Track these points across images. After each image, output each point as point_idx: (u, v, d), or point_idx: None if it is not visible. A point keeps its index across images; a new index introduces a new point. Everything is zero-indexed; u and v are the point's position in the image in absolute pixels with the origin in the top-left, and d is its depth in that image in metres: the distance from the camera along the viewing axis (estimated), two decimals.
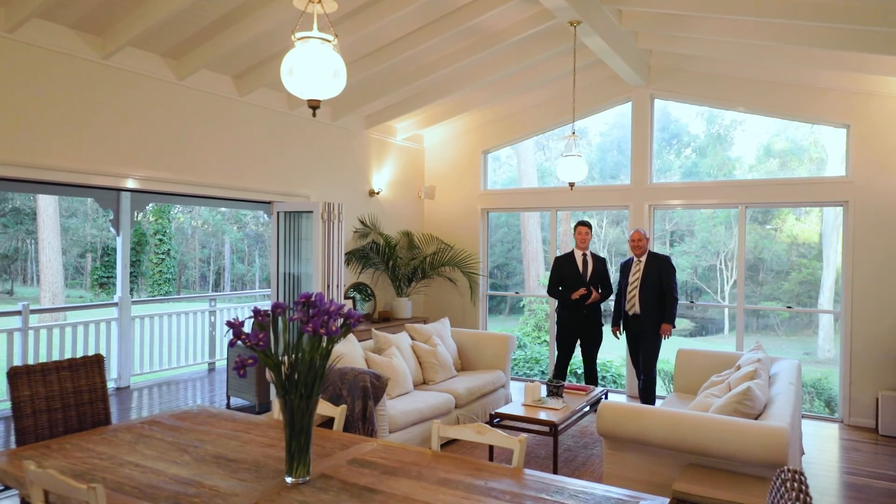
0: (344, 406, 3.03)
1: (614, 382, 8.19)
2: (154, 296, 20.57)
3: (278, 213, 5.94)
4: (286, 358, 2.21)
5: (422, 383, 5.39)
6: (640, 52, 6.11)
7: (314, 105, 2.47)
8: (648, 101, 6.61)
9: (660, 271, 5.56)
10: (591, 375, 5.99)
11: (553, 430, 4.16)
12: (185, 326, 7.86)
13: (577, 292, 5.75)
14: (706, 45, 5.58)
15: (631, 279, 5.68)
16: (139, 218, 19.54)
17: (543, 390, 4.94)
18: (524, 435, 2.38)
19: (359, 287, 6.91)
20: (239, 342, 2.12)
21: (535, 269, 14.72)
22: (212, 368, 8.11)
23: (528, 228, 14.86)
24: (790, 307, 5.71)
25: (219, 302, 8.40)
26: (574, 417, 4.49)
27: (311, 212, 5.71)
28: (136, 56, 4.69)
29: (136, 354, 7.27)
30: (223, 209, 23.91)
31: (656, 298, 5.54)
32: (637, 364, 5.77)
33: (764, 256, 14.05)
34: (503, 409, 4.48)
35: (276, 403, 3.30)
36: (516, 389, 6.41)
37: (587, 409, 4.77)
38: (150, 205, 6.93)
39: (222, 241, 25.29)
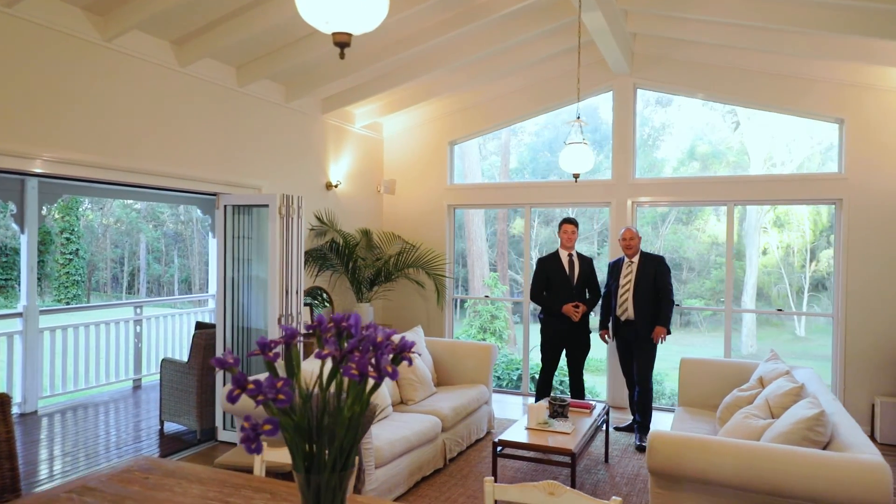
0: None
1: (589, 393, 7.63)
2: (60, 299, 18.61)
3: (226, 206, 5.06)
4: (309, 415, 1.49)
5: (399, 403, 4.70)
6: (627, 35, 5.66)
7: (342, 41, 1.71)
8: (631, 90, 6.18)
9: (655, 273, 5.12)
10: (577, 388, 5.48)
11: (571, 459, 3.58)
12: (106, 338, 6.76)
13: (575, 311, 5.21)
14: (697, 26, 5.19)
15: (622, 281, 5.21)
16: (48, 213, 17.53)
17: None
18: (618, 499, 1.77)
19: (314, 292, 6.10)
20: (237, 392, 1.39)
21: (479, 269, 14.23)
22: (138, 386, 7.03)
23: (472, 226, 14.35)
24: (780, 310, 5.45)
25: (146, 309, 7.32)
26: (585, 441, 3.93)
27: (267, 205, 4.88)
28: (52, 7, 3.73)
29: (46, 373, 6.14)
30: (138, 206, 22.07)
31: (651, 302, 5.09)
32: (629, 374, 5.31)
33: (689, 255, 14.29)
34: (507, 436, 3.85)
35: (224, 434, 2.54)
36: (495, 404, 5.81)
37: (594, 430, 4.22)
38: (64, 196, 5.83)
39: (137, 241, 23.37)
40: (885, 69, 5.19)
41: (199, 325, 5.65)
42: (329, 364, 1.53)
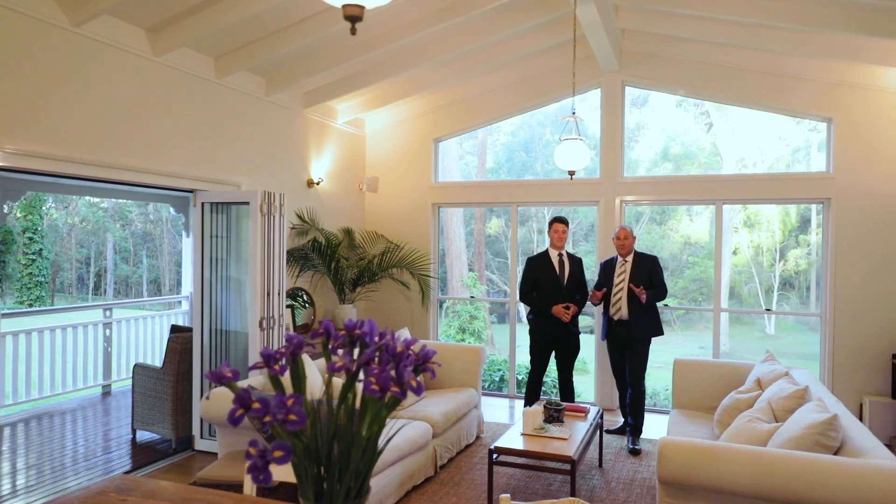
0: None
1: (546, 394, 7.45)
2: (23, 301, 17.93)
3: (203, 204, 4.82)
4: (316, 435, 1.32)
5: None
6: (617, 31, 5.57)
7: (354, 15, 1.51)
8: (620, 88, 6.09)
9: (650, 273, 5.03)
10: (567, 390, 5.36)
11: (571, 466, 3.45)
12: (73, 342, 6.43)
13: (565, 313, 5.09)
14: (687, 22, 5.12)
15: (616, 280, 5.11)
16: (10, 211, 16.88)
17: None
18: None
19: (295, 293, 5.88)
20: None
21: (458, 269, 14.10)
22: (107, 392, 6.72)
23: (451, 226, 14.21)
24: (769, 310, 5.42)
25: (116, 311, 7.00)
26: (583, 447, 3.80)
27: (247, 203, 4.65)
28: None
29: (8, 379, 5.80)
30: (105, 205, 21.41)
31: (646, 303, 4.99)
32: (620, 375, 5.21)
33: (662, 255, 14.41)
34: (503, 443, 3.70)
35: (216, 445, 2.34)
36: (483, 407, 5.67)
37: (591, 435, 4.10)
38: (27, 193, 5.52)
39: (104, 240, 22.68)
40: (873, 68, 5.19)
41: (175, 329, 5.38)
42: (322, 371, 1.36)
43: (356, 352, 1.40)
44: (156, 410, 4.99)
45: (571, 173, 4.40)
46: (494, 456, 3.67)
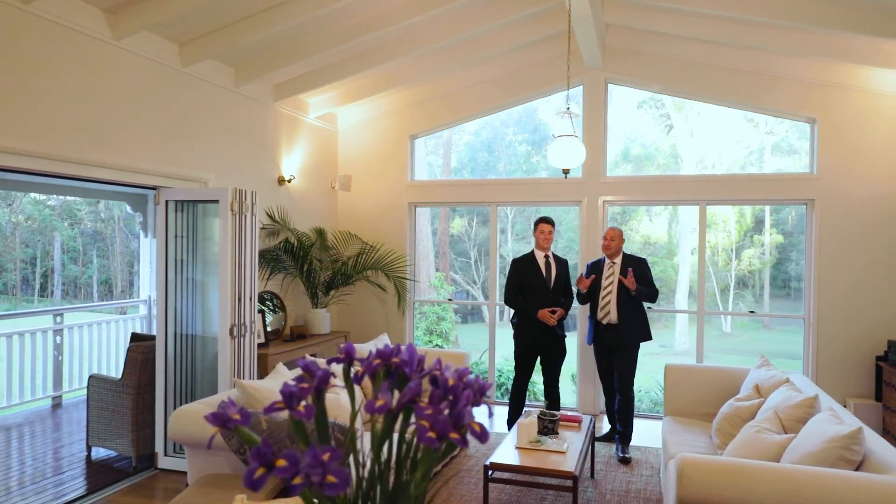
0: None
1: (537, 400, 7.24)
2: None
3: (167, 202, 4.45)
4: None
5: (368, 421, 4.23)
6: (602, 25, 5.41)
7: None
8: (603, 85, 5.94)
9: (640, 275, 4.89)
10: (552, 396, 5.18)
11: (574, 482, 3.25)
12: (20, 350, 5.93)
13: (551, 317, 4.90)
14: (672, 18, 5.00)
15: (604, 283, 4.95)
16: None
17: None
18: None
19: (264, 297, 5.54)
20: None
21: (425, 269, 13.88)
22: (58, 405, 6.23)
23: (419, 225, 13.96)
24: (752, 312, 5.38)
25: (68, 317, 6.50)
26: (582, 460, 3.61)
27: (217, 201, 4.30)
28: None
29: None
30: (52, 202, 20.36)
31: (635, 306, 4.86)
32: (608, 381, 5.06)
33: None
34: (498, 458, 3.48)
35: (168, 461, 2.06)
36: None
37: (588, 447, 3.92)
38: None
39: (51, 240, 21.57)
40: (857, 69, 5.17)
41: (136, 337, 4.98)
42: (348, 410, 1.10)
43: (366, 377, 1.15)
44: (114, 425, 4.59)
45: (566, 171, 4.21)
46: (491, 473, 3.44)
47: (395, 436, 1.10)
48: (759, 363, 4.16)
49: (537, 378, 5.52)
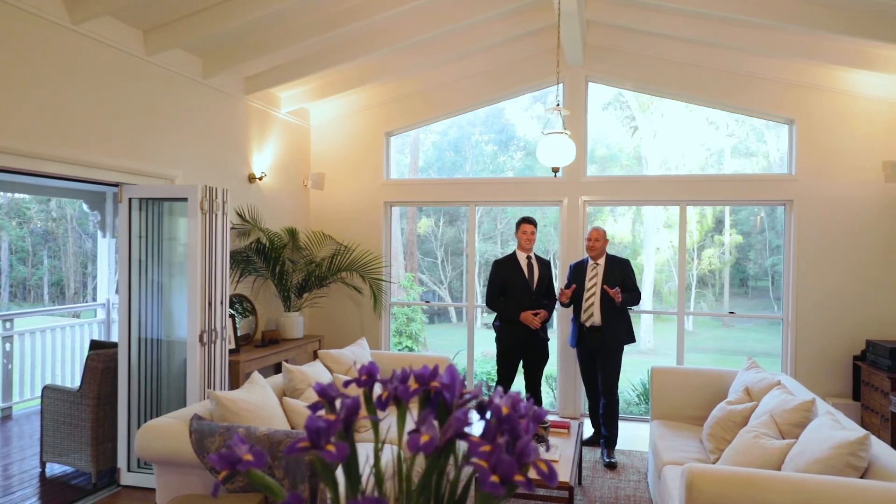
0: None
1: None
2: None
3: (130, 199, 4.15)
4: None
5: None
6: (585, 22, 5.32)
7: None
8: (583, 83, 5.85)
9: (623, 277, 4.81)
10: (535, 401, 5.05)
11: (569, 493, 3.11)
12: None
13: (534, 319, 4.78)
14: (653, 16, 4.95)
15: (587, 285, 4.85)
16: None
17: None
18: None
19: (234, 300, 5.27)
20: None
21: (395, 269, 13.69)
22: (7, 416, 5.82)
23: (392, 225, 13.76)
24: (732, 312, 5.33)
25: (18, 322, 6.08)
26: (576, 469, 3.49)
27: (185, 199, 4.04)
28: None
29: None
30: None
31: (619, 308, 4.77)
32: (592, 384, 4.96)
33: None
34: None
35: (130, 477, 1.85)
36: None
37: (579, 454, 3.80)
38: None
39: None
40: (835, 71, 5.20)
41: (95, 345, 4.66)
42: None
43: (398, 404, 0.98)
44: (71, 439, 4.27)
45: (556, 170, 4.08)
46: None
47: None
48: (746, 365, 4.11)
49: (518, 380, 5.40)
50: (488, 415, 0.93)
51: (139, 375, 4.26)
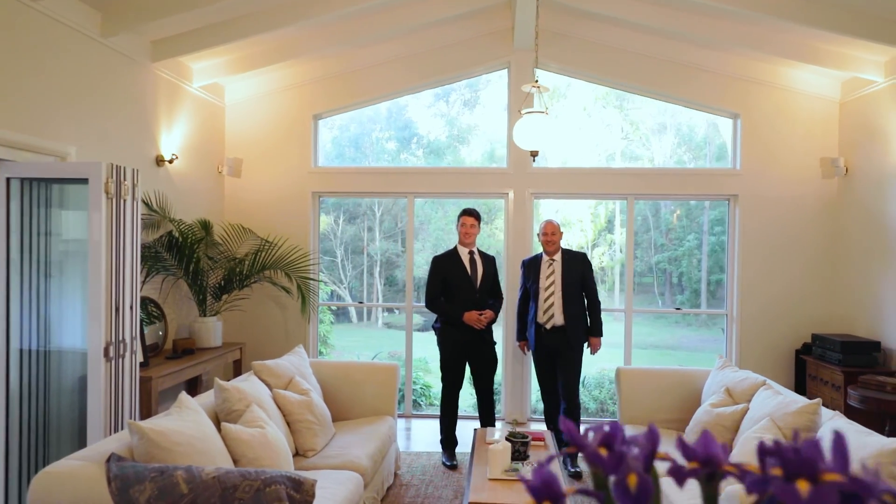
0: None
1: (431, 405, 6.55)
2: None
3: (9, 179, 3.29)
4: None
5: (295, 455, 3.44)
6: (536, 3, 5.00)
7: None
8: (531, 69, 5.53)
9: (582, 273, 4.52)
10: (487, 410, 4.67)
11: None
12: None
13: (479, 319, 4.39)
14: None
15: (544, 283, 4.52)
16: None
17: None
18: None
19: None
20: None
21: None
22: None
23: None
24: (679, 309, 5.25)
25: None
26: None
27: (85, 180, 3.24)
28: None
29: None
30: None
31: (581, 306, 4.49)
32: (551, 388, 4.63)
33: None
34: (478, 497, 2.87)
35: None
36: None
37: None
38: None
39: None
40: (778, 67, 5.23)
41: None
42: None
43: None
44: None
45: (534, 154, 3.68)
46: None
47: None
48: (719, 364, 3.95)
49: (468, 387, 4.98)
50: None
51: (20, 398, 3.40)
